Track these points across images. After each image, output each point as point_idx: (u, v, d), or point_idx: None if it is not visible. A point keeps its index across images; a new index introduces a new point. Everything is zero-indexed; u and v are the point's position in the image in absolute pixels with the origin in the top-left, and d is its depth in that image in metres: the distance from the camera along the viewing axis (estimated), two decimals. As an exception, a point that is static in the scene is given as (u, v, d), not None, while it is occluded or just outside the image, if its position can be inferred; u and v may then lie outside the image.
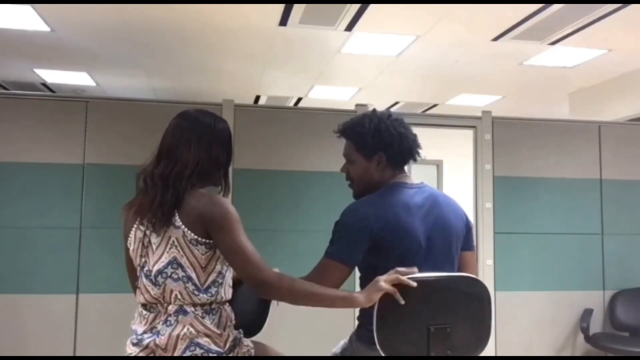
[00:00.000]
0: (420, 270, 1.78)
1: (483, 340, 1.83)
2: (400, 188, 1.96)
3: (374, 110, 2.11)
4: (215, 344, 1.70)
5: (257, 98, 7.79)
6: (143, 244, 1.76)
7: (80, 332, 3.47)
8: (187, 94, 7.46)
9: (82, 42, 5.39)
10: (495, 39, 5.00)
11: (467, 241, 2.04)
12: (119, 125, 3.65)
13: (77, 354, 3.45)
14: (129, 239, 1.80)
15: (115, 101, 3.84)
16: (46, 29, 4.96)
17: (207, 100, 4.46)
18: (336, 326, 3.55)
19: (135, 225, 1.78)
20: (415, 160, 2.05)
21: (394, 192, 1.94)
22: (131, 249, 1.80)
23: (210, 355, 1.69)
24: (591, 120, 4.49)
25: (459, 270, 1.99)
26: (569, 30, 4.73)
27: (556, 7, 4.20)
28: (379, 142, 1.96)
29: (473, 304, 1.82)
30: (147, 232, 1.75)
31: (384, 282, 1.70)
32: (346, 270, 1.84)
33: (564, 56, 5.46)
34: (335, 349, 2.09)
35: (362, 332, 1.93)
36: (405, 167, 2.08)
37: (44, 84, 7.09)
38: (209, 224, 1.70)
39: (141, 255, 1.76)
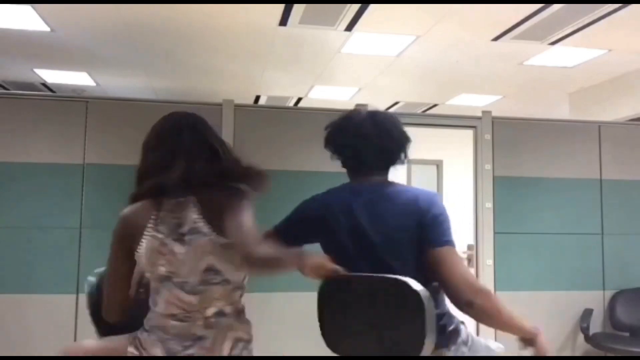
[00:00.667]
0: (353, 267, 1.78)
1: (417, 344, 1.65)
2: (349, 185, 2.02)
3: (353, 109, 2.15)
4: (249, 333, 1.77)
5: (257, 98, 7.79)
6: (161, 252, 1.67)
7: (80, 332, 3.47)
8: (187, 94, 7.45)
9: (82, 42, 5.39)
10: (495, 39, 5.00)
11: (428, 238, 1.80)
12: (119, 125, 3.65)
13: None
14: (140, 248, 1.70)
15: (115, 101, 3.84)
16: (46, 29, 4.96)
17: (207, 100, 4.46)
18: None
19: (149, 235, 1.69)
20: (393, 165, 2.00)
21: (343, 187, 2.01)
22: (144, 258, 1.70)
23: (250, 345, 1.75)
24: (591, 120, 4.49)
25: (435, 272, 1.78)
26: (569, 30, 4.73)
27: (556, 7, 4.20)
28: (334, 145, 2.08)
29: (401, 306, 1.70)
30: (167, 241, 1.67)
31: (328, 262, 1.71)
32: (279, 241, 1.86)
33: (564, 56, 5.46)
34: None
35: None
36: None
37: (44, 84, 7.09)
38: (225, 214, 1.68)
39: (161, 265, 1.67)
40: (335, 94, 7.33)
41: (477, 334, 3.20)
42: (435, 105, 7.89)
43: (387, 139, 1.95)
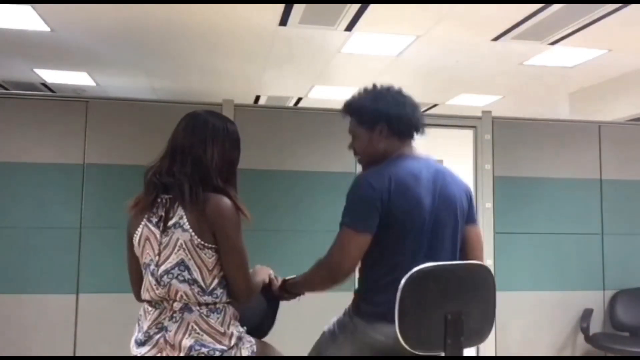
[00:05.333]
0: (426, 242, 1.85)
1: (490, 325, 1.89)
2: (406, 158, 1.97)
3: (374, 84, 2.12)
4: (219, 342, 1.72)
5: (257, 98, 7.79)
6: (149, 242, 1.76)
7: (80, 332, 3.47)
8: (187, 94, 7.46)
9: (82, 42, 5.39)
10: (495, 39, 5.00)
11: (470, 214, 2.04)
12: (119, 125, 3.65)
13: (77, 354, 3.45)
14: (135, 236, 1.79)
15: (115, 101, 3.84)
16: (46, 29, 4.96)
17: (207, 100, 4.46)
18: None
19: (143, 223, 1.78)
20: (419, 131, 2.04)
21: (400, 162, 1.95)
22: (137, 246, 1.80)
23: (216, 354, 1.70)
24: (591, 120, 4.49)
25: (463, 244, 2.00)
26: (569, 30, 4.73)
27: (556, 7, 4.20)
28: (378, 111, 1.99)
29: (482, 290, 1.87)
30: (155, 231, 1.75)
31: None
32: (366, 238, 1.84)
33: (564, 56, 5.46)
34: (328, 326, 2.07)
35: (360, 306, 1.92)
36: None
37: (44, 84, 7.09)
38: (216, 228, 1.73)
39: (147, 254, 1.77)
40: (335, 94, 7.33)
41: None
42: (435, 105, 7.89)
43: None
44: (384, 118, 1.98)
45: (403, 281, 1.72)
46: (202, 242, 1.71)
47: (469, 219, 2.03)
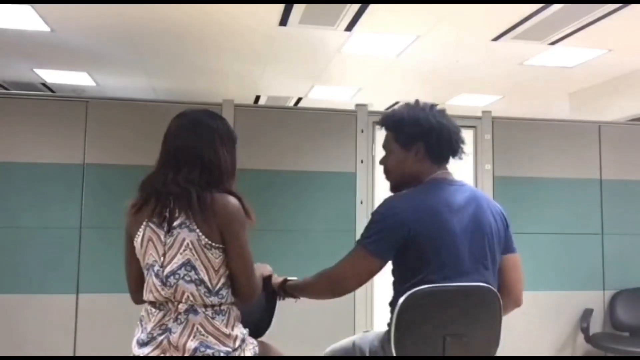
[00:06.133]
0: (464, 272, 1.75)
1: (493, 350, 1.84)
2: (440, 184, 1.87)
3: (417, 100, 2.02)
4: (224, 344, 1.72)
5: (257, 98, 7.79)
6: (153, 242, 1.75)
7: (80, 332, 3.47)
8: (187, 94, 7.46)
9: (82, 42, 5.39)
10: (495, 39, 5.00)
11: (509, 243, 1.94)
12: (119, 125, 3.65)
13: (77, 354, 3.45)
14: (137, 237, 1.77)
15: (115, 101, 3.83)
16: (46, 29, 4.96)
17: (207, 100, 4.46)
18: (336, 326, 3.54)
19: (144, 224, 1.76)
20: (456, 156, 1.95)
21: (434, 188, 1.86)
22: (139, 247, 1.78)
23: (221, 355, 1.70)
24: (591, 120, 4.49)
25: (504, 274, 1.91)
26: (569, 30, 4.73)
27: (556, 7, 4.20)
28: (417, 130, 1.89)
29: (486, 313, 1.80)
30: (158, 232, 1.73)
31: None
32: (378, 263, 1.79)
33: (564, 56, 5.46)
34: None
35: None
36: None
37: (44, 84, 7.10)
38: (224, 227, 1.72)
39: (150, 255, 1.75)
40: (335, 94, 7.33)
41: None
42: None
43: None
44: (423, 139, 1.89)
45: (402, 299, 1.70)
46: (210, 242, 1.70)
47: (507, 248, 1.92)
